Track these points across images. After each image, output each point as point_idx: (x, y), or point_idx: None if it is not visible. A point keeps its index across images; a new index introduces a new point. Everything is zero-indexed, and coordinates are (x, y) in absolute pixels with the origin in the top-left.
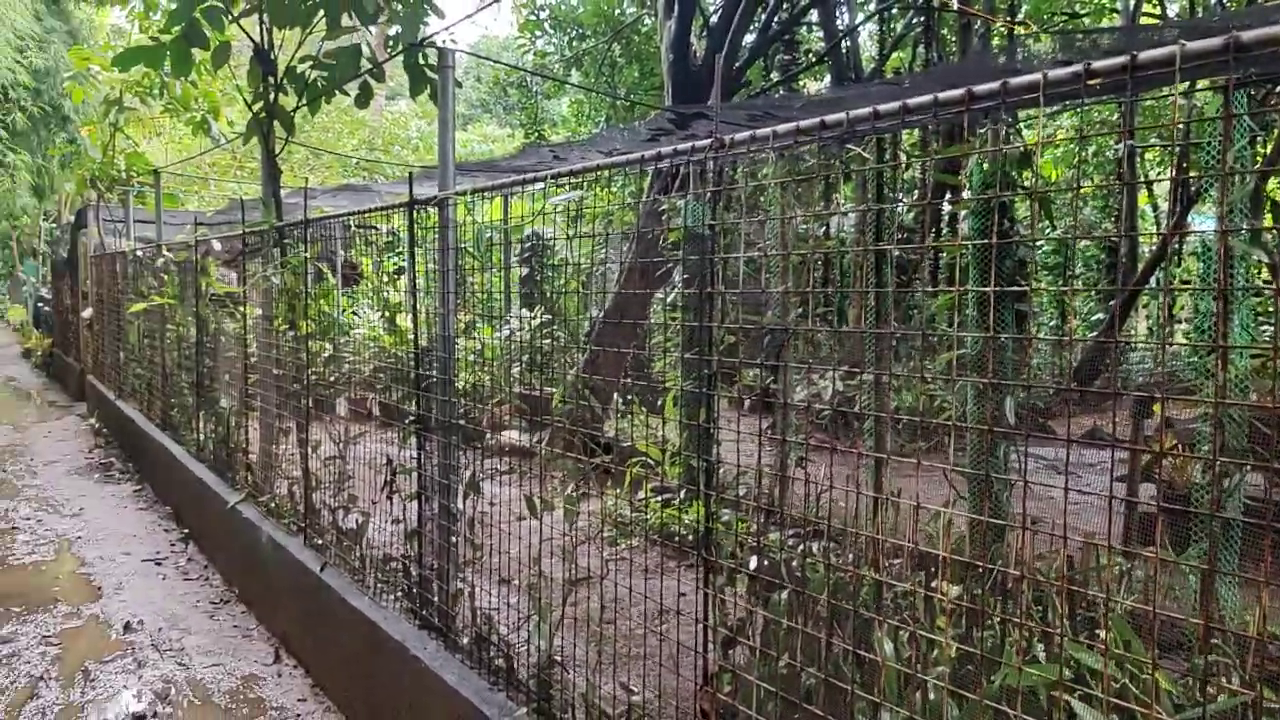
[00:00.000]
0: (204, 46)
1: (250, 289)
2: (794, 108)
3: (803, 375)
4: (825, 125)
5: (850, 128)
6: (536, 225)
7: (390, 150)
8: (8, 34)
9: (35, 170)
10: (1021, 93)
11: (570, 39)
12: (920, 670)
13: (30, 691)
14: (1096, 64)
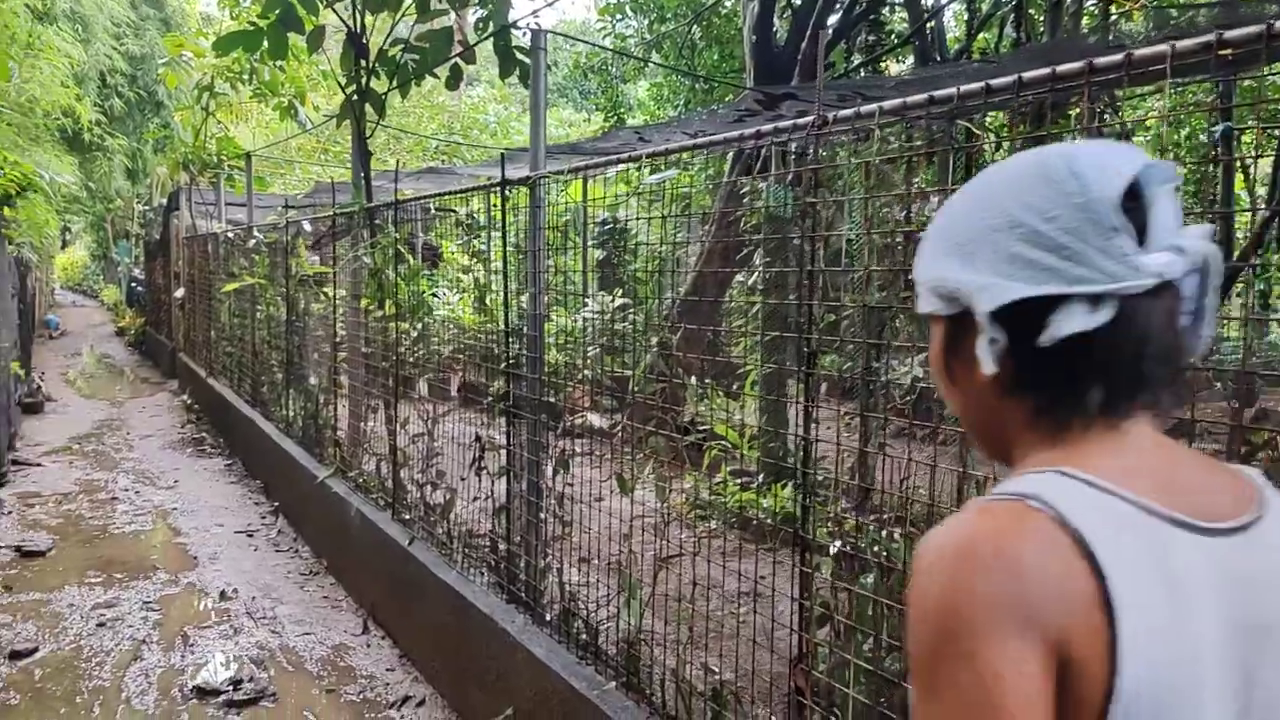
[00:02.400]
0: (299, 31)
1: (339, 270)
2: (886, 88)
3: (902, 357)
4: (934, 101)
5: (961, 103)
6: (623, 207)
7: (469, 134)
8: (106, 21)
9: (130, 154)
10: (1146, 64)
11: (650, 22)
12: None
13: (134, 654)
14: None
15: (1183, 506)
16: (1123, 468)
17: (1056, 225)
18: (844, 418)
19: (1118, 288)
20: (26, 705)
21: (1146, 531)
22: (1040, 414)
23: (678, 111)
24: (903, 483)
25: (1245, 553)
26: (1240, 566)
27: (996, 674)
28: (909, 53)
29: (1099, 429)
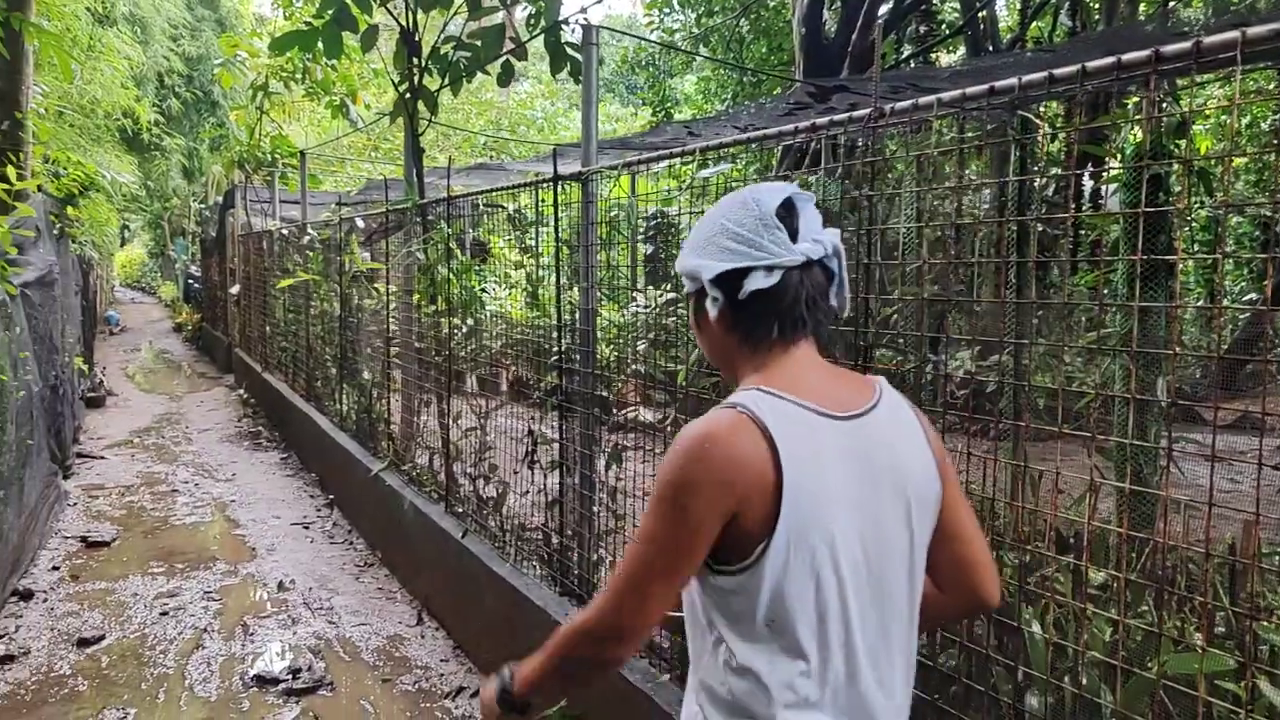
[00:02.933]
0: (353, 30)
1: (392, 266)
2: (939, 79)
3: (957, 350)
4: (994, 91)
5: (1022, 93)
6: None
7: (516, 130)
8: (163, 23)
9: (187, 153)
10: (1215, 52)
11: (698, 15)
12: (1068, 654)
13: (196, 642)
14: None
15: (824, 403)
16: (791, 381)
17: (744, 228)
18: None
19: (779, 261)
20: (94, 692)
21: (802, 420)
22: (743, 343)
23: (725, 105)
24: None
25: (861, 429)
26: (858, 437)
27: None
28: (960, 43)
29: (778, 351)
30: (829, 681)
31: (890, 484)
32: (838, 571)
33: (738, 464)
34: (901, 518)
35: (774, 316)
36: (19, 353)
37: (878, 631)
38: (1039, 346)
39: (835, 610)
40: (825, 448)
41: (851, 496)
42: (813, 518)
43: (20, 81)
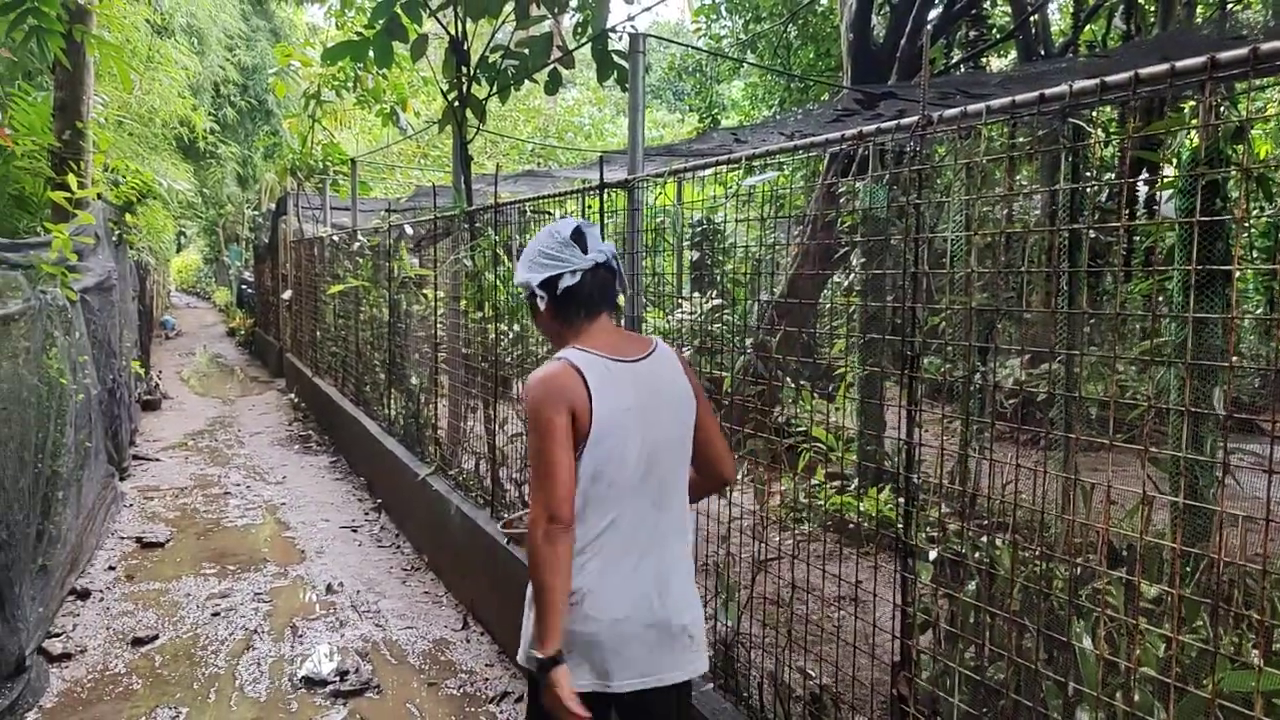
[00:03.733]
0: (404, 39)
1: (440, 272)
2: (989, 84)
3: (1006, 360)
4: (1045, 99)
5: (1074, 99)
6: (717, 210)
7: (564, 137)
8: (219, 34)
9: (241, 161)
10: (1273, 58)
11: (745, 21)
12: (1120, 670)
13: (247, 643)
14: None
15: (616, 353)
16: (594, 342)
17: (553, 250)
18: (944, 421)
19: (578, 266)
20: (148, 690)
21: (601, 364)
22: (563, 322)
23: (772, 111)
24: (1004, 488)
25: (644, 366)
26: (641, 372)
27: (552, 420)
28: (1011, 48)
29: (585, 324)
30: (615, 532)
31: (665, 399)
32: (627, 459)
33: (565, 388)
34: (673, 420)
35: (580, 302)
36: (78, 357)
37: (659, 489)
38: (1090, 356)
39: (626, 485)
40: (619, 379)
41: (638, 406)
42: (613, 419)
43: (81, 92)
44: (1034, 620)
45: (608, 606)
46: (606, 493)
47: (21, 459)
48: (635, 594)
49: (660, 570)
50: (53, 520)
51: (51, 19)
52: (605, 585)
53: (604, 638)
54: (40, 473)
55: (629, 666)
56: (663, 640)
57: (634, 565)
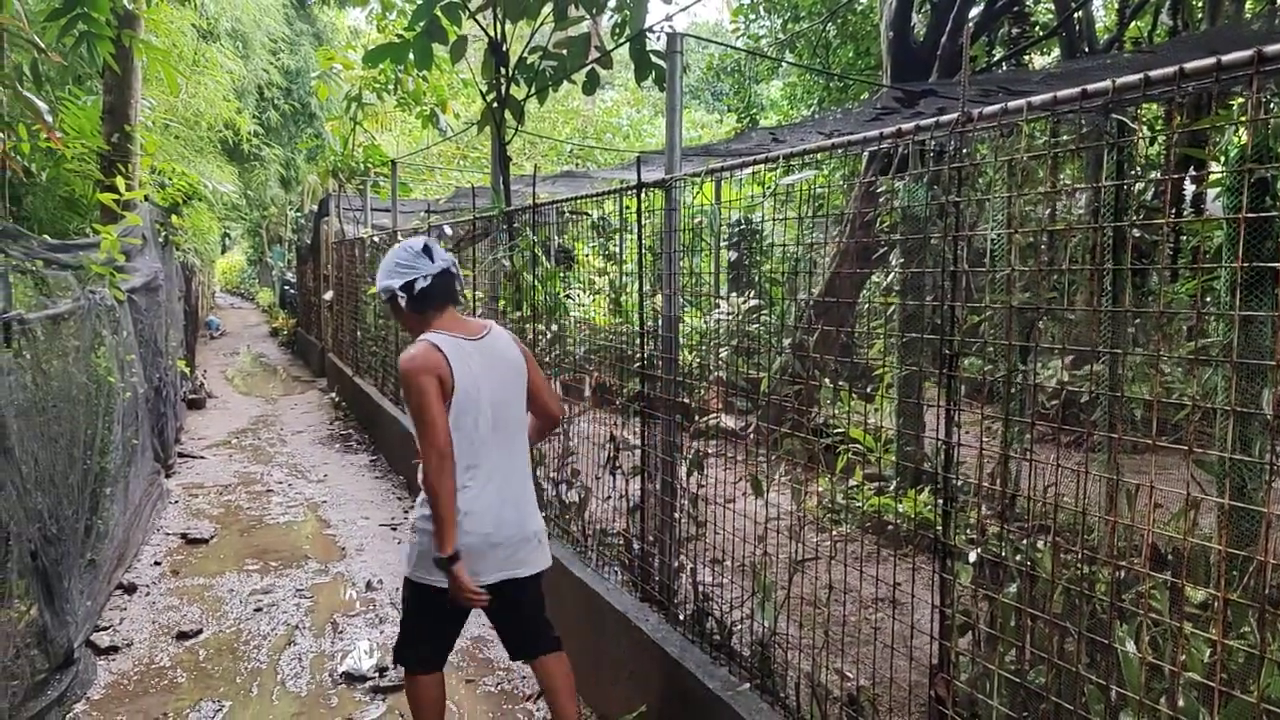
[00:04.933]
0: (443, 41)
1: (479, 272)
2: (1031, 82)
3: (1049, 360)
4: (1087, 95)
5: (1117, 96)
6: (756, 208)
7: (602, 138)
8: (263, 38)
9: (284, 163)
10: None
11: (784, 21)
12: (1164, 674)
13: (288, 638)
14: None
15: (462, 334)
16: (445, 326)
17: (408, 260)
18: (985, 421)
19: (428, 271)
20: (192, 683)
21: (454, 342)
22: (421, 316)
23: (811, 111)
24: (1046, 490)
25: (485, 343)
26: (483, 347)
27: (425, 386)
28: (1054, 45)
29: (435, 316)
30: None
31: (502, 366)
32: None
33: (431, 361)
34: (510, 381)
35: (431, 299)
36: (126, 356)
37: (507, 433)
38: (1134, 356)
39: (483, 431)
40: (468, 353)
41: (484, 372)
42: (468, 386)
43: (129, 96)
44: (1076, 623)
45: (480, 524)
46: (471, 437)
47: (71, 455)
48: (498, 513)
49: (514, 494)
50: (100, 516)
51: (101, 24)
52: (477, 508)
53: (478, 546)
54: (89, 469)
55: (496, 565)
56: (519, 545)
57: (496, 492)
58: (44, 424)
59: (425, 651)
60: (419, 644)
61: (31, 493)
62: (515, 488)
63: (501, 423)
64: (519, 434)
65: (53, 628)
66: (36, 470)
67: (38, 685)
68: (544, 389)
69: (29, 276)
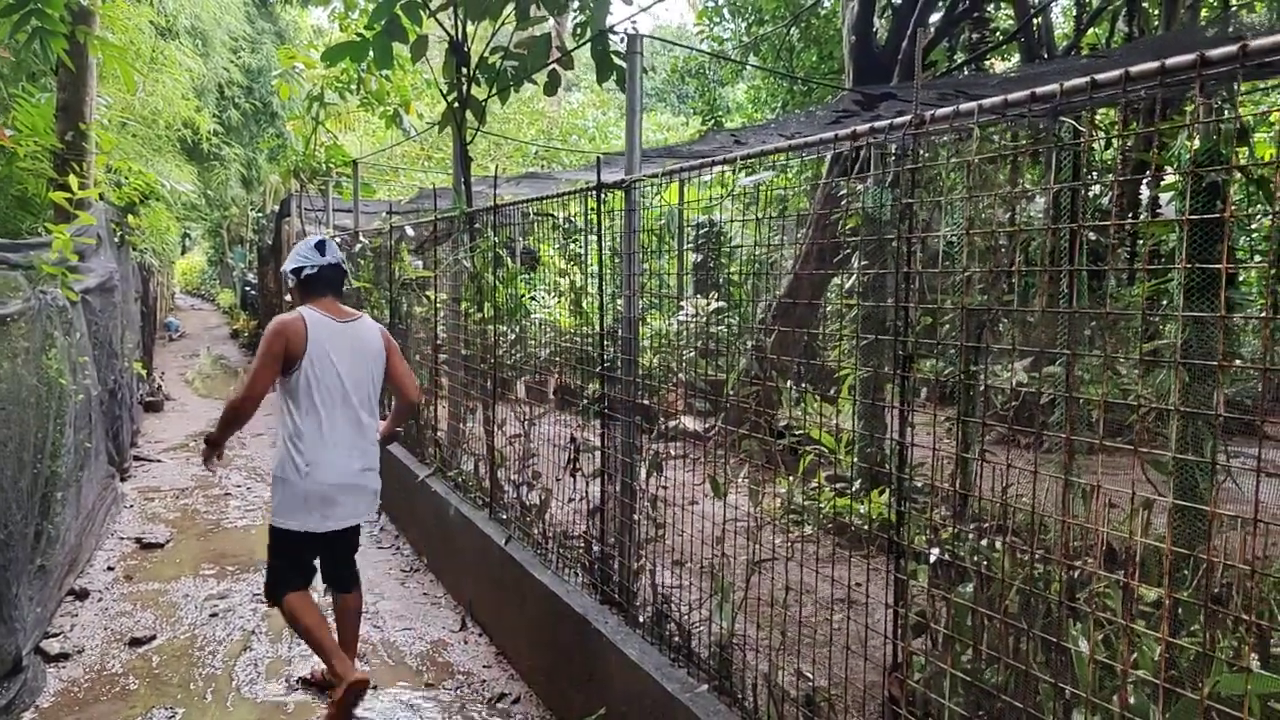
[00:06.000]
0: (404, 40)
1: (440, 274)
2: (988, 86)
3: (1003, 360)
4: (1035, 98)
5: (1064, 99)
6: (719, 210)
7: (568, 139)
8: (224, 36)
9: (246, 163)
10: (1264, 55)
11: (748, 24)
12: (1116, 673)
13: (244, 644)
14: None
15: (332, 316)
16: (321, 308)
17: (306, 252)
18: (942, 423)
19: (316, 263)
20: (145, 690)
21: (321, 319)
22: (306, 296)
23: (775, 114)
24: (1004, 490)
25: (349, 327)
26: (347, 331)
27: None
28: (1015, 50)
29: (317, 298)
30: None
31: (360, 350)
32: (333, 380)
33: (289, 328)
34: (367, 363)
35: (316, 285)
36: (79, 358)
37: (358, 404)
38: (1088, 358)
39: (336, 398)
40: (331, 330)
41: (340, 350)
42: (321, 354)
43: (84, 93)
44: (1030, 623)
45: (328, 474)
46: (322, 399)
47: (20, 459)
48: (344, 466)
49: (359, 453)
50: (51, 521)
51: (55, 20)
52: (326, 461)
53: (328, 494)
54: (39, 473)
55: (337, 513)
56: (359, 496)
57: (345, 449)
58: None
59: (291, 579)
60: (285, 576)
61: None
62: (361, 448)
63: (354, 394)
64: (369, 406)
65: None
66: None
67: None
68: (402, 374)
69: None
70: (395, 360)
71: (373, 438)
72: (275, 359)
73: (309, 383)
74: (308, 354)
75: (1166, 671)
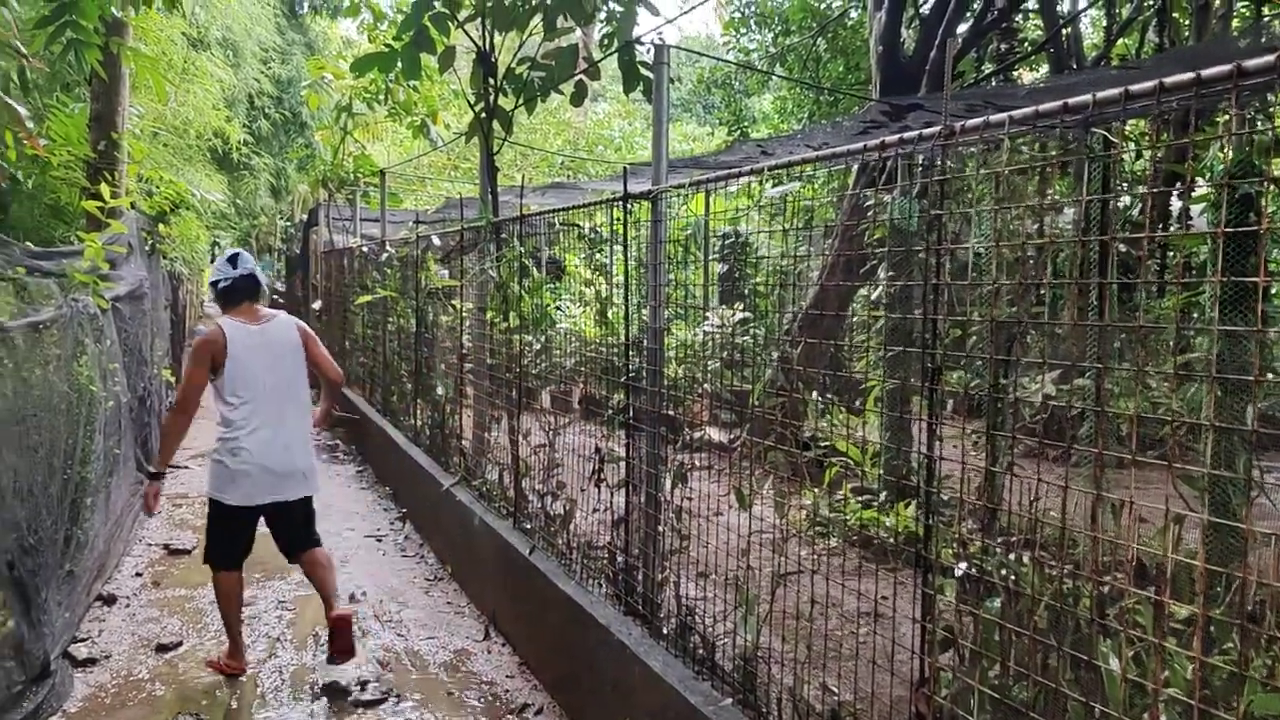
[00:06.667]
0: (431, 51)
1: (467, 283)
2: (1017, 97)
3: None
4: (1068, 109)
5: (1097, 110)
6: (745, 221)
7: (593, 150)
8: (254, 47)
9: (275, 172)
10: None
11: (775, 35)
12: (1146, 691)
13: (270, 651)
14: None
15: (249, 321)
16: (239, 316)
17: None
18: (969, 435)
19: (229, 275)
20: (171, 696)
21: (239, 326)
22: (225, 305)
23: (801, 125)
24: (1032, 504)
25: (265, 329)
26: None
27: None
28: (1044, 61)
29: (234, 306)
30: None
31: (277, 346)
32: (253, 376)
33: (211, 341)
34: (286, 357)
35: (233, 295)
36: (109, 364)
37: (283, 395)
38: (1119, 371)
39: (258, 391)
40: (249, 335)
41: (261, 350)
42: (239, 356)
43: (117, 103)
44: (1059, 639)
45: (254, 458)
46: (247, 396)
47: (51, 465)
48: (271, 450)
49: (287, 439)
50: (81, 526)
51: (89, 31)
52: (254, 445)
53: (253, 473)
54: (69, 479)
55: (266, 490)
56: (287, 476)
57: (271, 435)
58: (23, 433)
59: (225, 551)
60: (219, 546)
61: (9, 503)
62: (286, 435)
63: (278, 387)
64: (295, 396)
65: (29, 639)
66: (14, 480)
67: (13, 698)
68: (322, 360)
69: (10, 284)
70: (314, 348)
71: (297, 422)
72: (200, 372)
73: (232, 381)
74: (230, 357)
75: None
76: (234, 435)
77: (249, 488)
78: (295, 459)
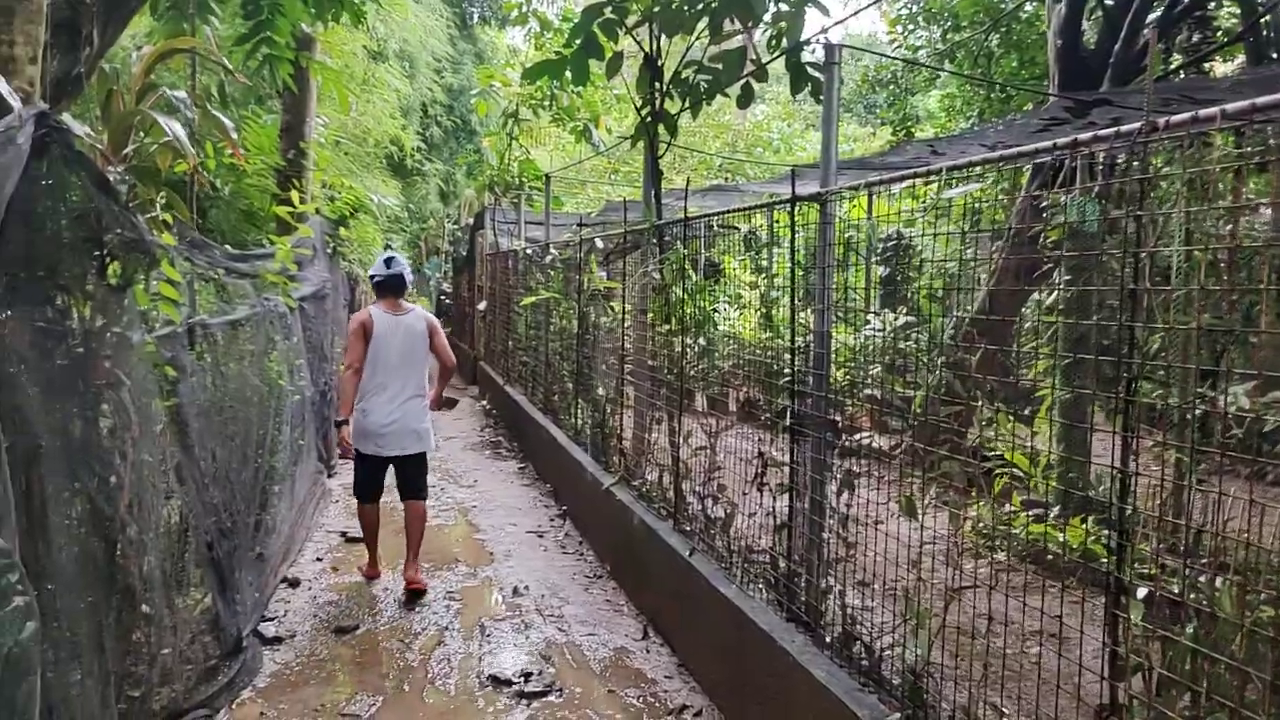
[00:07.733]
0: (600, 57)
1: (628, 285)
2: (1219, 89)
3: (1232, 385)
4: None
5: None
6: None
7: (752, 151)
8: (428, 57)
9: (444, 178)
10: None
11: (944, 31)
12: None
13: (438, 639)
14: None
15: (391, 311)
16: (384, 306)
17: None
18: (1159, 450)
19: (382, 273)
20: (348, 677)
21: (382, 313)
22: (379, 295)
23: (970, 123)
24: (1227, 524)
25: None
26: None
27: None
28: (1238, 51)
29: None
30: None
31: (408, 332)
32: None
33: (363, 320)
34: (414, 341)
35: (383, 289)
36: (295, 360)
37: (407, 370)
38: None
39: (390, 367)
40: (388, 321)
41: (395, 333)
42: (380, 335)
43: (305, 114)
44: (1259, 668)
45: (379, 418)
46: (380, 367)
47: (244, 454)
48: (390, 412)
49: (405, 404)
50: (269, 512)
51: (282, 47)
52: (377, 408)
53: (376, 429)
54: (260, 467)
55: (389, 444)
56: (405, 434)
57: (391, 402)
58: (221, 423)
59: (365, 488)
60: (360, 484)
61: (209, 488)
62: (407, 401)
63: (404, 363)
64: (416, 372)
65: (224, 616)
66: (214, 467)
67: (209, 670)
68: (440, 347)
69: (211, 284)
70: (436, 338)
71: (417, 392)
72: (359, 340)
73: (372, 357)
74: (373, 338)
75: None
76: (366, 401)
77: (378, 440)
78: (410, 421)
